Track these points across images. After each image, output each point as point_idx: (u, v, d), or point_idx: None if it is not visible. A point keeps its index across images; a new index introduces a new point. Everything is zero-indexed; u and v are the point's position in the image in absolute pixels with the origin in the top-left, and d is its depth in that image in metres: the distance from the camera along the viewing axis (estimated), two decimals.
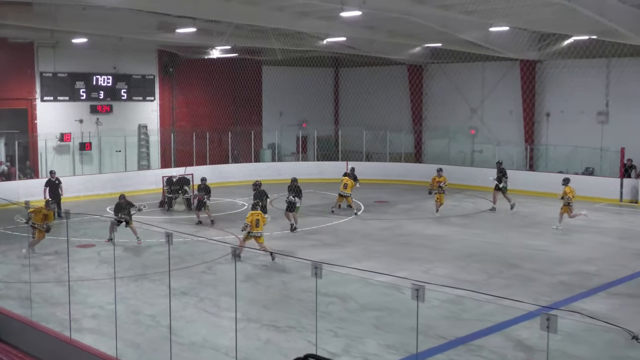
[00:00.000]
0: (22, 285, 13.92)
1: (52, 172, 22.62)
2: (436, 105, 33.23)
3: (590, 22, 19.84)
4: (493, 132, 30.98)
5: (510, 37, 24.52)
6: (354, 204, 23.11)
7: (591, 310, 12.42)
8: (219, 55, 29.69)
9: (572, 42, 24.45)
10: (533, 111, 29.71)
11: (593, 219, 21.50)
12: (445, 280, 14.24)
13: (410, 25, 23.46)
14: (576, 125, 27.98)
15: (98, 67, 29.25)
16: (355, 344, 10.95)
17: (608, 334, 11.11)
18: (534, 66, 29.22)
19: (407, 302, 8.35)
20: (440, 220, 21.68)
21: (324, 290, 12.77)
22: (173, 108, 31.97)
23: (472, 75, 31.57)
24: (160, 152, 31.15)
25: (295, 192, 19.85)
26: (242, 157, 32.05)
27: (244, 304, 12.66)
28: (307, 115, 34.93)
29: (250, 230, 16.06)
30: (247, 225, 16.05)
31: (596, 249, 17.85)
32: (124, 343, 10.58)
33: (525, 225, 20.96)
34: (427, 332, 11.11)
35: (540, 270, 15.53)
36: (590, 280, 14.77)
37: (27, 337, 11.10)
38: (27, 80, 27.55)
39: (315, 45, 27.05)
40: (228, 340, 10.72)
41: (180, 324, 11.59)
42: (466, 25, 22.31)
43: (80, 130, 28.75)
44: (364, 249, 17.71)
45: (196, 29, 23.64)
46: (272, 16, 21.37)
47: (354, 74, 35.84)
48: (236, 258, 9.77)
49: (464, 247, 17.89)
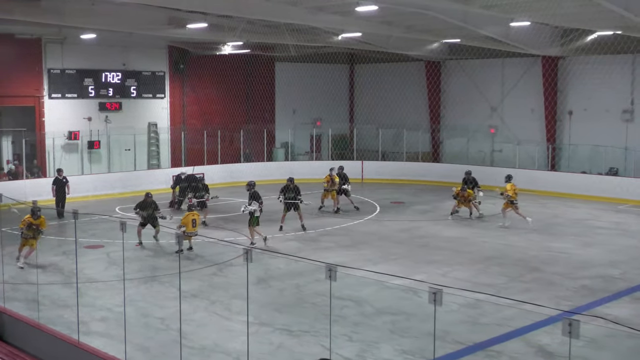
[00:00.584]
0: (29, 287, 13.90)
1: (59, 170, 22.45)
2: (454, 103, 32.96)
3: (615, 17, 19.65)
4: (513, 131, 30.63)
5: (532, 33, 24.33)
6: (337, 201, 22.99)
7: (615, 315, 12.27)
8: (230, 52, 29.49)
9: (596, 38, 24.18)
10: (555, 109, 29.37)
11: (616, 220, 21.27)
12: (464, 283, 14.25)
13: (428, 20, 23.34)
14: (600, 124, 27.66)
15: (107, 63, 29.10)
16: (370, 349, 10.82)
17: (632, 340, 10.90)
18: (556, 63, 28.88)
19: (424, 306, 8.20)
20: (459, 222, 21.39)
21: (338, 294, 12.82)
22: (184, 105, 31.77)
23: (491, 72, 31.29)
24: (171, 150, 30.98)
25: (295, 192, 19.71)
26: (255, 156, 31.82)
27: (256, 308, 12.54)
28: (321, 113, 34.67)
29: (186, 230, 16.65)
30: (181, 226, 16.80)
31: (620, 251, 17.55)
32: (133, 347, 10.62)
33: (547, 228, 20.65)
34: (444, 337, 11.00)
35: (562, 273, 15.31)
36: (613, 284, 14.51)
37: (34, 340, 11.16)
38: (35, 77, 27.39)
39: (330, 41, 26.84)
40: (239, 344, 10.72)
41: (191, 328, 11.58)
42: (486, 20, 22.14)
43: (88, 128, 28.59)
44: (380, 251, 17.51)
45: (207, 25, 23.48)
46: (286, 11, 21.17)
47: (369, 70, 35.57)
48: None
49: (484, 250, 17.68)
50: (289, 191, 19.68)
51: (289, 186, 19.77)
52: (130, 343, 10.33)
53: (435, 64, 33.07)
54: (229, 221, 21.21)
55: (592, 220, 21.50)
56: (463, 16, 21.60)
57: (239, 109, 32.66)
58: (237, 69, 31.59)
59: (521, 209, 20.43)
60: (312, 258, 15.23)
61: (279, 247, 17.38)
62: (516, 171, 22.83)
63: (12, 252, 16.73)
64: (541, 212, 22.96)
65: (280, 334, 11.44)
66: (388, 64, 33.30)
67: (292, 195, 19.62)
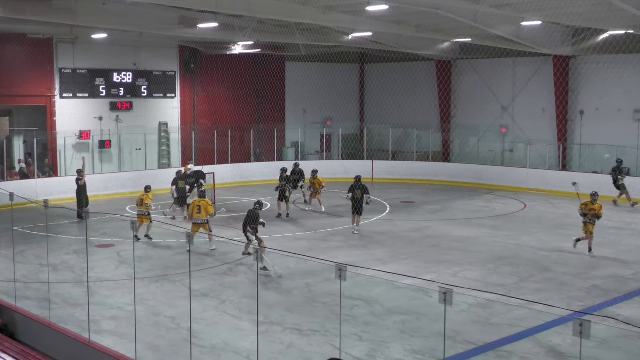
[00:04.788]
0: (40, 286, 13.95)
1: (79, 171, 22.22)
2: (465, 103, 32.83)
3: (627, 16, 19.50)
4: (524, 131, 30.48)
5: (543, 32, 24.19)
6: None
7: (627, 315, 12.19)
8: (241, 51, 29.45)
9: (608, 37, 23.96)
10: (566, 109, 29.17)
11: (628, 220, 21.09)
12: (475, 283, 14.20)
13: (439, 19, 23.22)
14: (612, 124, 27.48)
15: (118, 63, 29.15)
16: (380, 349, 10.78)
17: None
18: (567, 62, 28.68)
19: (434, 306, 8.15)
20: (469, 222, 21.30)
21: (348, 293, 12.79)
22: (194, 105, 31.78)
23: (502, 71, 31.09)
24: (181, 150, 30.96)
25: (293, 183, 21.37)
26: (265, 156, 31.78)
27: (266, 307, 12.54)
28: (332, 112, 34.59)
29: (192, 216, 17.14)
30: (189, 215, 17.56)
31: (632, 251, 17.43)
32: (144, 345, 10.65)
33: (558, 227, 20.53)
34: (455, 337, 10.96)
35: (574, 273, 15.21)
36: (625, 285, 14.40)
37: (46, 339, 11.19)
38: (46, 77, 27.47)
39: (341, 40, 26.73)
40: (250, 344, 10.68)
41: (201, 327, 11.58)
42: (497, 19, 22.01)
43: (99, 128, 28.65)
44: (390, 251, 17.44)
45: (218, 24, 23.43)
46: (296, 10, 21.06)
47: (380, 70, 35.46)
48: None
49: (495, 250, 17.58)
50: (284, 180, 21.88)
51: (294, 170, 22.36)
52: (140, 342, 10.38)
53: (446, 63, 32.93)
54: (239, 221, 21.13)
55: (603, 220, 21.18)
56: (473, 16, 21.42)
57: (249, 109, 32.63)
58: (248, 68, 31.57)
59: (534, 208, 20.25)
60: (322, 257, 15.20)
61: (289, 246, 17.29)
62: (527, 171, 22.65)
63: (23, 251, 16.88)
64: (552, 212, 22.88)
65: (290, 334, 11.40)
66: (398, 64, 33.19)
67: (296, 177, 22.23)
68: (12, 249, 14.46)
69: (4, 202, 15.33)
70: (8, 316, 11.98)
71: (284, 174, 22.06)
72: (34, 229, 18.63)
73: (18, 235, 17.29)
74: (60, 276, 14.92)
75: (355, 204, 19.28)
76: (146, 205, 18.29)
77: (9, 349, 10.47)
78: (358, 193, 19.30)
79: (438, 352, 10.22)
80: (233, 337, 11.28)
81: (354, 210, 19.35)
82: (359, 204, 19.25)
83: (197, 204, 17.09)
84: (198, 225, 16.95)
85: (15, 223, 15.62)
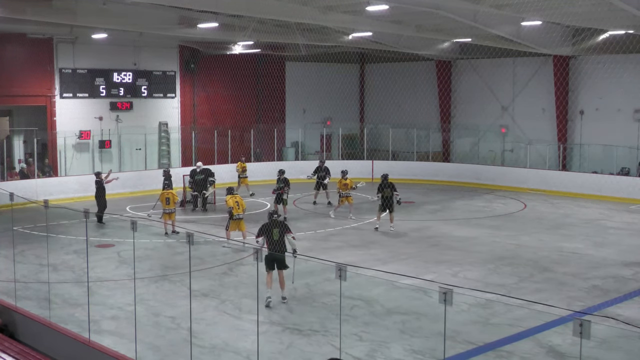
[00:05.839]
0: (40, 286, 13.93)
1: (97, 174, 21.85)
2: (465, 103, 32.82)
3: (627, 16, 19.50)
4: (524, 131, 30.49)
5: (543, 32, 24.20)
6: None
7: (626, 315, 12.18)
8: (241, 51, 29.45)
9: (608, 37, 23.97)
10: (566, 109, 29.19)
11: (628, 220, 21.10)
12: (475, 283, 14.18)
13: (439, 19, 23.23)
14: (611, 124, 27.50)
15: (118, 63, 29.15)
16: (380, 349, 10.76)
17: None
18: (567, 62, 28.70)
19: (434, 306, 8.13)
20: (469, 222, 21.31)
21: (348, 293, 12.79)
22: (194, 105, 31.79)
23: (502, 71, 31.11)
24: (181, 150, 30.97)
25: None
26: (265, 156, 31.76)
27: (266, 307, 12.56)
28: (332, 112, 34.59)
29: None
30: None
31: (632, 252, 17.38)
32: (144, 345, 10.65)
33: (558, 227, 20.52)
34: (455, 337, 10.95)
35: (574, 273, 15.19)
36: (625, 285, 14.38)
37: (45, 339, 11.17)
38: (46, 77, 27.46)
39: (340, 40, 26.73)
40: (250, 343, 10.67)
41: (201, 327, 11.57)
42: (497, 19, 22.00)
43: (99, 128, 28.64)
44: (390, 251, 17.43)
45: (218, 24, 23.44)
46: (296, 10, 21.05)
47: (380, 70, 35.47)
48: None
49: (495, 250, 17.56)
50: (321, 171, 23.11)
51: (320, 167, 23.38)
52: (140, 342, 10.36)
53: (446, 63, 32.94)
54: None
55: (603, 220, 21.36)
56: (473, 16, 21.43)
57: (249, 109, 32.64)
58: (248, 68, 31.56)
59: (534, 208, 20.25)
60: (322, 257, 15.19)
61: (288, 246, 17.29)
62: (527, 171, 22.67)
63: (23, 251, 16.87)
64: (552, 212, 22.83)
65: (290, 333, 11.39)
66: (398, 64, 33.19)
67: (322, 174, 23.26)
68: (12, 249, 14.45)
69: (4, 202, 15.30)
70: (8, 316, 11.96)
71: (282, 175, 21.90)
72: (34, 228, 18.65)
73: (18, 235, 17.30)
74: (60, 276, 14.90)
75: (386, 202, 19.43)
76: (174, 202, 19.07)
77: (9, 349, 10.45)
78: (387, 191, 19.44)
79: (438, 352, 10.21)
80: (233, 337, 11.25)
81: (382, 208, 19.51)
82: (389, 202, 19.40)
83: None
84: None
85: (15, 223, 15.63)
